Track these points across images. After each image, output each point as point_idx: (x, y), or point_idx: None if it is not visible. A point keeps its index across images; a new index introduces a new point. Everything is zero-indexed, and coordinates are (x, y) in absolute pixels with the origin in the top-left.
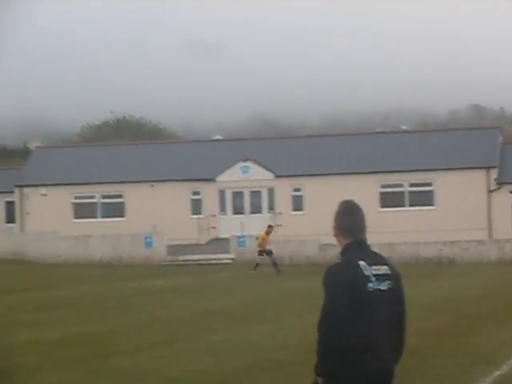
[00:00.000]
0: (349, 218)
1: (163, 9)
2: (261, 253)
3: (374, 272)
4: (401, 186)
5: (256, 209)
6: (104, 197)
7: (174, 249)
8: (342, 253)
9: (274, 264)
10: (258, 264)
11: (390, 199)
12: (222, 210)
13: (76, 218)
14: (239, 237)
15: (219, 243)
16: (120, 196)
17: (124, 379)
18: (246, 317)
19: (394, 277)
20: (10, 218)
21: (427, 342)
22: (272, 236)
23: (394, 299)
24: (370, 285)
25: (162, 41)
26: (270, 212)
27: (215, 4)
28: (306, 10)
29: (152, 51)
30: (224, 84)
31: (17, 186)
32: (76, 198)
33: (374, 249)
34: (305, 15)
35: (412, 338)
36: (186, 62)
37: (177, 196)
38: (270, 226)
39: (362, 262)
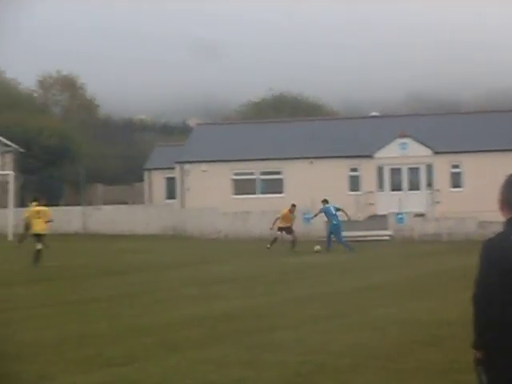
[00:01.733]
0: None
1: None
2: (280, 229)
3: None
4: None
5: (414, 186)
6: (263, 173)
7: None
8: (503, 226)
9: (293, 243)
10: (275, 239)
11: None
12: (380, 186)
13: (235, 194)
14: (397, 214)
15: (377, 220)
16: (279, 172)
17: (288, 353)
18: (405, 293)
19: None
20: (171, 194)
21: None
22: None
23: None
24: None
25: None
26: (428, 189)
27: None
28: None
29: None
30: (380, 60)
31: (177, 162)
32: (235, 174)
33: None
34: None
35: None
36: (340, 38)
37: (335, 172)
38: (293, 205)
39: None
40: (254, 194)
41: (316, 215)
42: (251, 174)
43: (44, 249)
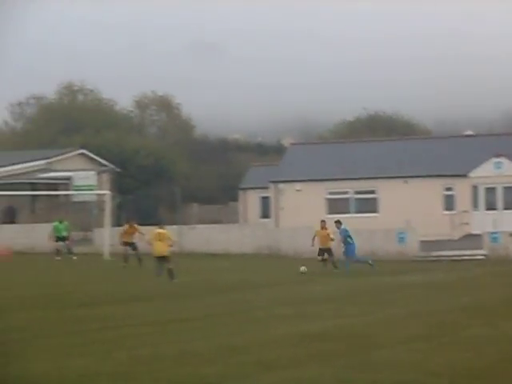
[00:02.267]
0: None
1: None
2: (321, 252)
3: None
4: None
5: (509, 205)
6: (357, 192)
7: (427, 244)
8: None
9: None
10: (324, 259)
11: None
12: (475, 205)
13: (329, 213)
14: (492, 233)
15: (472, 239)
16: (373, 192)
17: (383, 373)
18: (499, 312)
19: None
20: (265, 214)
21: None
22: None
23: None
24: None
25: None
26: None
27: None
28: None
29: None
30: (473, 76)
31: (272, 181)
32: (330, 193)
33: None
34: None
35: None
36: (430, 52)
37: (429, 192)
38: (322, 221)
39: None
40: (348, 213)
41: (344, 240)
42: (345, 193)
43: (170, 269)
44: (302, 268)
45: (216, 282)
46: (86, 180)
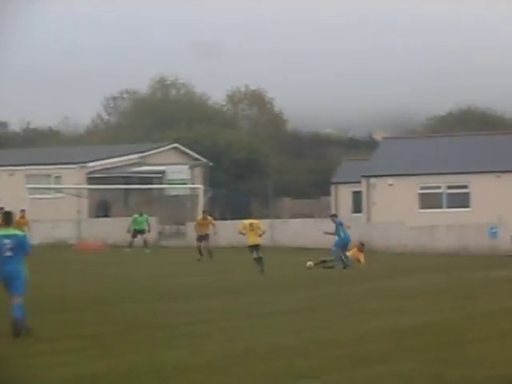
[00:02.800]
0: None
1: None
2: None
3: None
4: None
5: None
6: (449, 187)
7: None
8: None
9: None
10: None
11: None
12: None
13: (421, 208)
14: None
15: None
16: (465, 186)
17: (475, 368)
18: None
19: None
20: (357, 208)
21: None
22: None
23: None
24: None
25: None
26: None
27: None
28: None
29: None
30: None
31: (364, 176)
32: (422, 188)
33: None
34: None
35: None
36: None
37: None
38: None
39: None
40: (441, 208)
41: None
42: (438, 187)
43: (259, 258)
44: (309, 263)
45: (308, 276)
46: (179, 174)
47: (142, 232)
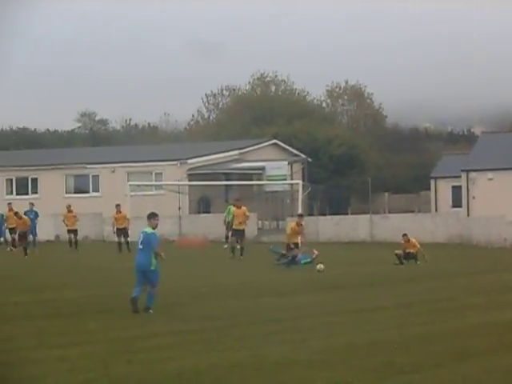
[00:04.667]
0: None
1: None
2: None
3: None
4: None
5: None
6: None
7: None
8: None
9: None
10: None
11: None
12: None
13: None
14: None
15: None
16: None
17: None
18: None
19: None
20: (457, 203)
21: None
22: None
23: None
24: None
25: None
26: None
27: None
28: None
29: None
30: None
31: (463, 170)
32: None
33: None
34: None
35: None
36: None
37: None
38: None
39: None
40: None
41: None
42: None
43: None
44: (319, 266)
45: (408, 271)
46: (279, 170)
47: None
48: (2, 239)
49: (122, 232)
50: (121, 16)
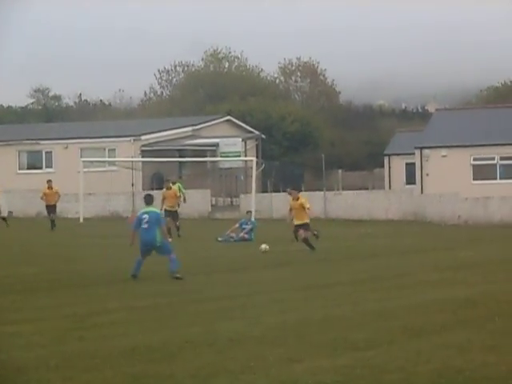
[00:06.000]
0: None
1: None
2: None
3: None
4: None
5: None
6: (503, 158)
7: None
8: None
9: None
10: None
11: None
12: None
13: (475, 179)
14: None
15: None
16: None
17: None
18: None
19: None
20: (411, 180)
21: None
22: None
23: None
24: None
25: None
26: None
27: None
28: None
29: None
30: None
31: (417, 147)
32: (475, 159)
33: None
34: None
35: None
36: None
37: None
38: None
39: None
40: (495, 179)
41: None
42: (492, 159)
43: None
44: (263, 246)
45: (361, 248)
46: (233, 147)
47: None
48: None
49: (52, 209)
50: None
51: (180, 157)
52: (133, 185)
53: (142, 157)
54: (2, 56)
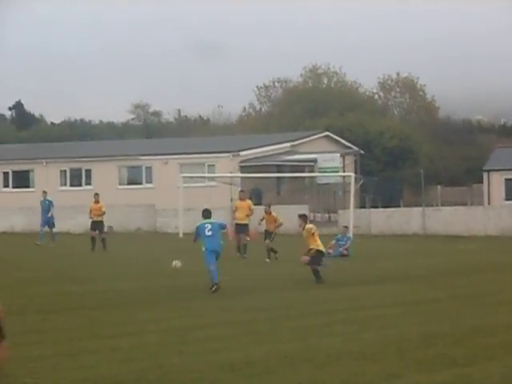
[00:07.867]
0: None
1: None
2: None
3: None
4: None
5: None
6: None
7: None
8: None
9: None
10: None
11: None
12: None
13: None
14: None
15: None
16: None
17: None
18: None
19: None
20: (510, 195)
21: None
22: None
23: None
24: None
25: None
26: None
27: None
28: None
29: None
30: None
31: None
32: None
33: None
34: None
35: None
36: None
37: None
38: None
39: None
40: None
41: None
42: None
43: None
44: (174, 262)
45: (460, 264)
46: (331, 162)
47: None
48: (45, 228)
49: (99, 226)
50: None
51: (278, 172)
52: (231, 200)
53: (241, 172)
54: (103, 73)
